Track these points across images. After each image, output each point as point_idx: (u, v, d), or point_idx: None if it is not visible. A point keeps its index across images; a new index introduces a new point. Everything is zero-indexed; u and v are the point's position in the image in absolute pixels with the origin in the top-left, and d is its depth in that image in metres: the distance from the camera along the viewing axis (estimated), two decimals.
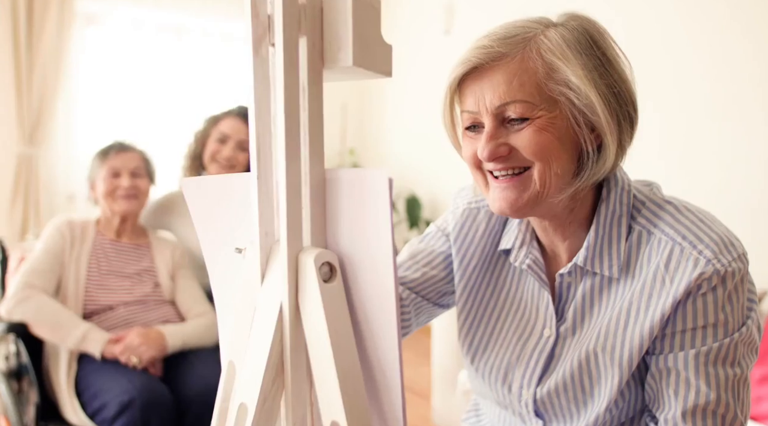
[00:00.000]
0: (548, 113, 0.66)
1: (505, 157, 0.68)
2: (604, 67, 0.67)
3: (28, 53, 3.46)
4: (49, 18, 3.47)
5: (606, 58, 0.68)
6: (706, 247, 0.67)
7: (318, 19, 0.50)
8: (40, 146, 3.54)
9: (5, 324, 1.50)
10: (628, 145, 0.71)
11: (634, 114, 0.70)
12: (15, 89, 3.48)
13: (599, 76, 0.66)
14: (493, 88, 0.67)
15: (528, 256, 0.78)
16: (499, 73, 0.66)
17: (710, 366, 0.66)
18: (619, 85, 0.68)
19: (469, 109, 0.70)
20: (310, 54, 0.50)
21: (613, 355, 0.70)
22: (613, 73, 0.68)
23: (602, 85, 0.66)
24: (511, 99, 0.66)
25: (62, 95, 3.59)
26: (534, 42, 0.67)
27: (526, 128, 0.67)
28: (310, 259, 0.50)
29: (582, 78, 0.65)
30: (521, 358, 0.78)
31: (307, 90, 0.50)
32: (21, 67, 3.46)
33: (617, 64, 0.69)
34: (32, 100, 3.49)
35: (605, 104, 0.66)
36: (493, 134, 0.68)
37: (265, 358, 0.52)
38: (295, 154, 0.50)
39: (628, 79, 0.69)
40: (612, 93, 0.67)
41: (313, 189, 0.52)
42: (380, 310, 0.49)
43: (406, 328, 0.84)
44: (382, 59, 0.51)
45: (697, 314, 0.67)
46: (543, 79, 0.66)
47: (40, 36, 3.46)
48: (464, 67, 0.68)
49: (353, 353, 0.50)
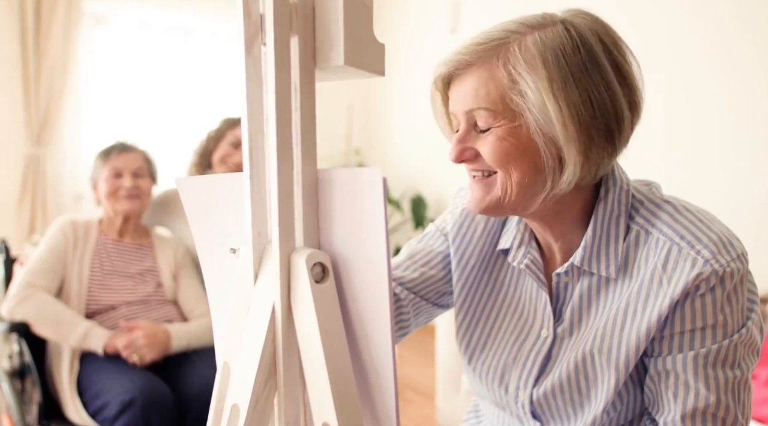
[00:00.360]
0: (510, 123, 0.67)
1: (472, 160, 0.70)
2: (587, 73, 0.65)
3: (35, 54, 3.48)
4: (56, 19, 3.49)
5: (593, 62, 0.65)
6: (704, 247, 0.66)
7: (310, 18, 0.50)
8: (47, 147, 3.57)
9: (7, 323, 1.50)
10: (607, 156, 0.68)
11: (616, 127, 0.67)
12: (23, 90, 3.51)
13: (575, 84, 0.64)
14: (464, 93, 0.69)
15: (526, 255, 0.77)
16: (471, 80, 0.68)
17: (709, 368, 0.66)
18: (600, 94, 0.65)
19: (450, 110, 0.72)
20: (301, 53, 0.50)
21: (609, 357, 0.70)
22: (596, 80, 0.65)
23: (575, 94, 0.64)
24: (476, 106, 0.67)
25: (69, 96, 3.61)
26: (504, 51, 0.66)
27: (490, 135, 0.68)
28: (302, 260, 0.49)
29: (543, 90, 0.64)
30: (518, 358, 0.77)
31: (299, 89, 0.50)
32: (29, 68, 3.48)
33: (605, 70, 0.66)
34: (40, 100, 3.51)
35: (571, 116, 0.64)
36: (461, 137, 0.70)
37: (257, 359, 0.52)
38: (287, 154, 0.50)
39: (615, 89, 0.66)
40: (587, 102, 0.65)
41: (305, 189, 0.51)
42: (374, 310, 0.49)
43: (404, 329, 0.83)
44: (375, 58, 0.51)
45: (695, 315, 0.66)
46: (506, 90, 0.66)
47: (48, 37, 3.49)
48: (441, 70, 0.70)
49: (345, 354, 0.49)
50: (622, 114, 0.67)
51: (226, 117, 1.86)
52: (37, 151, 3.55)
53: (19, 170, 3.50)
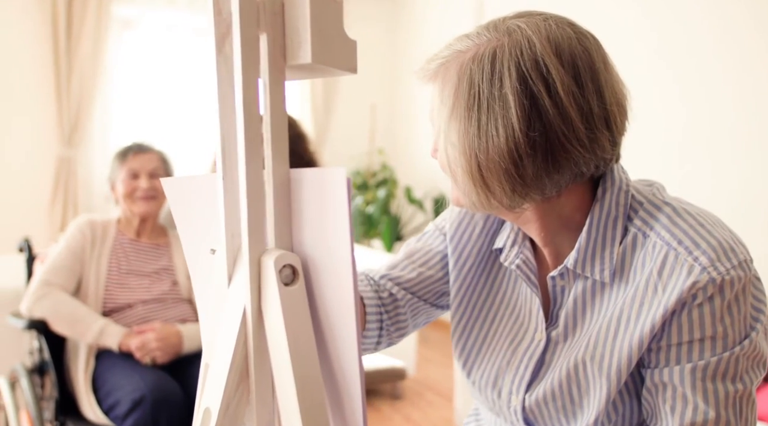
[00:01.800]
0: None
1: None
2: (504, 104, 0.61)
3: (67, 58, 3.57)
4: (87, 23, 3.58)
5: (542, 89, 0.61)
6: (703, 253, 0.62)
7: (279, 15, 0.49)
8: (78, 148, 3.66)
9: (26, 320, 1.54)
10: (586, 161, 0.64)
11: (513, 168, 0.62)
12: (55, 93, 3.60)
13: (477, 116, 0.63)
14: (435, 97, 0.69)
15: (518, 256, 0.74)
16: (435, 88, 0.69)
17: (708, 381, 0.62)
18: (490, 142, 0.62)
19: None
20: (270, 51, 0.49)
21: (601, 366, 0.67)
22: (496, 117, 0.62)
23: (472, 128, 0.63)
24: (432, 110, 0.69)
25: (99, 98, 3.70)
26: (444, 70, 0.66)
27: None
28: (271, 262, 0.48)
29: (456, 131, 0.65)
30: (511, 363, 0.75)
31: (268, 88, 0.49)
32: (60, 72, 3.58)
33: (515, 103, 0.61)
34: (71, 103, 3.61)
35: (467, 162, 0.65)
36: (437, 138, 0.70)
37: (228, 363, 0.51)
38: (255, 154, 0.49)
39: (513, 123, 0.61)
40: (484, 139, 0.62)
41: (277, 189, 0.50)
42: (340, 314, 0.48)
43: (402, 330, 0.82)
44: (346, 55, 0.49)
45: (693, 326, 0.62)
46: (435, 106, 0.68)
47: (79, 41, 3.57)
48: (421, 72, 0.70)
49: (313, 360, 0.48)
50: (558, 145, 0.62)
51: None
52: (68, 153, 3.64)
53: (51, 171, 3.60)
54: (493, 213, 0.71)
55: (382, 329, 0.79)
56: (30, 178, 3.57)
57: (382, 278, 0.81)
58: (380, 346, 0.81)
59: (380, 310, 0.79)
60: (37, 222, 3.49)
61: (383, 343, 0.80)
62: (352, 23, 4.20)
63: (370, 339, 0.78)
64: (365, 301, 0.78)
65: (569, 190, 0.68)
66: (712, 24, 2.34)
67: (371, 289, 0.80)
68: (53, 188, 3.62)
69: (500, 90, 0.61)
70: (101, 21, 3.63)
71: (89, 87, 3.64)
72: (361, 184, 3.99)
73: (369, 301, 0.78)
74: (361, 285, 0.79)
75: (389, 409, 2.67)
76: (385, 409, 2.67)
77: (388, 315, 0.79)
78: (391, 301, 0.80)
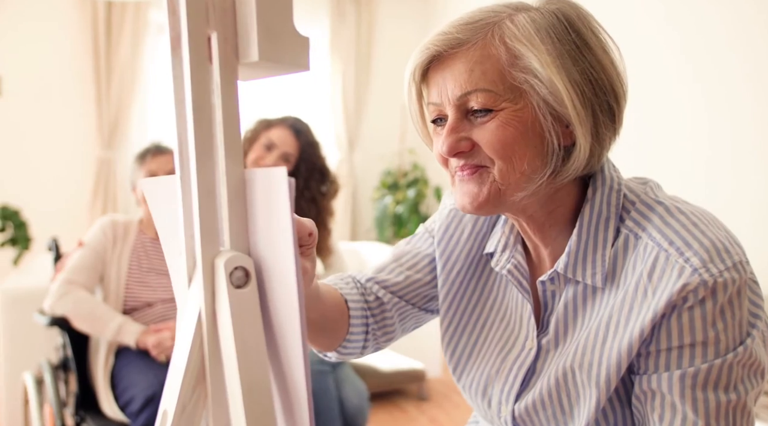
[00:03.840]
0: (513, 105, 0.61)
1: (467, 153, 0.64)
2: (580, 53, 0.61)
3: (106, 63, 3.69)
4: (125, 29, 3.69)
5: (583, 43, 0.62)
6: (695, 254, 0.58)
7: (230, 13, 0.48)
8: (117, 150, 3.78)
9: (48, 317, 1.59)
10: (610, 139, 0.64)
11: (616, 105, 0.63)
12: (95, 97, 3.73)
13: (573, 62, 0.60)
14: (455, 77, 0.62)
15: (510, 260, 0.72)
16: (461, 61, 0.62)
17: (698, 390, 0.58)
18: (597, 73, 0.61)
19: (433, 100, 0.66)
20: (221, 49, 0.48)
21: (590, 373, 0.63)
22: (590, 60, 0.61)
23: (575, 72, 0.60)
24: (473, 88, 0.61)
25: (137, 101, 3.81)
26: (498, 27, 0.62)
27: (490, 122, 0.62)
28: (222, 264, 0.48)
29: (548, 65, 0.59)
30: (501, 371, 0.72)
31: (220, 87, 0.48)
32: (100, 76, 3.70)
33: (596, 51, 0.62)
34: (110, 106, 3.72)
35: (576, 93, 0.60)
36: (454, 127, 0.63)
37: (184, 365, 0.50)
38: (207, 154, 0.48)
39: (608, 67, 0.62)
40: (587, 81, 0.61)
41: (231, 190, 0.49)
42: (288, 319, 0.47)
43: (390, 334, 0.80)
44: (296, 53, 0.48)
45: (683, 330, 0.59)
46: (506, 67, 0.61)
47: (117, 46, 3.69)
48: (423, 55, 0.64)
49: (263, 366, 0.47)
50: (618, 92, 0.62)
51: (262, 117, 1.88)
52: (107, 154, 3.76)
53: (92, 173, 3.72)
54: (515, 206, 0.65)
55: (368, 334, 0.77)
56: (71, 179, 3.70)
57: (369, 281, 0.79)
58: (366, 350, 0.79)
59: (366, 314, 0.77)
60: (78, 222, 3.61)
61: (369, 347, 0.79)
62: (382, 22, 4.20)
63: (355, 343, 0.77)
64: (350, 305, 0.76)
65: (572, 186, 0.66)
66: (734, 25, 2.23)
67: (357, 292, 0.78)
68: (93, 189, 3.74)
69: (579, 35, 0.62)
70: (139, 27, 3.74)
71: (127, 91, 3.75)
72: (392, 184, 3.98)
73: (354, 305, 0.76)
74: (347, 288, 0.78)
75: (415, 410, 2.65)
76: (410, 410, 2.65)
77: (374, 319, 0.78)
78: (377, 305, 0.78)
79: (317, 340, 0.74)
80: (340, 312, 0.75)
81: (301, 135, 1.79)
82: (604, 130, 0.62)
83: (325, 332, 0.73)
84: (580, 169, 0.63)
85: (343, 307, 0.75)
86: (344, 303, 0.76)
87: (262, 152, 1.80)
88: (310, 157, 1.76)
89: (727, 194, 2.26)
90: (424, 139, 0.72)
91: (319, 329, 0.72)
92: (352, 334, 0.76)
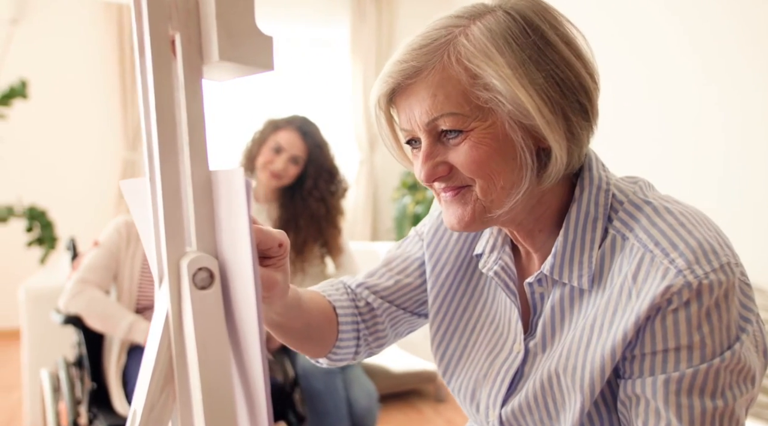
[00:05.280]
0: (482, 123, 0.60)
1: (447, 176, 0.63)
2: (542, 54, 0.59)
3: (131, 65, 3.76)
4: None
5: (545, 41, 0.59)
6: (680, 255, 0.56)
7: (194, 13, 0.48)
8: (142, 151, 3.85)
9: (63, 316, 1.63)
10: (587, 136, 0.62)
11: (587, 101, 0.61)
12: (120, 98, 3.80)
13: (536, 66, 0.58)
14: (420, 103, 0.61)
15: (497, 262, 0.70)
16: (422, 88, 0.61)
17: (683, 396, 0.56)
18: (562, 71, 0.59)
19: (404, 127, 0.65)
20: (185, 50, 0.48)
21: (574, 378, 0.61)
22: (554, 58, 0.59)
23: (539, 76, 0.58)
24: (439, 113, 0.60)
25: None
26: (453, 47, 0.60)
27: (463, 143, 0.61)
28: (185, 265, 0.48)
29: (509, 78, 0.57)
30: (489, 375, 0.71)
31: (184, 87, 0.48)
32: (125, 78, 3.77)
33: (559, 47, 0.59)
34: (135, 108, 3.79)
35: (543, 101, 0.58)
36: (429, 153, 0.63)
37: (152, 365, 0.50)
38: (171, 154, 0.48)
39: (574, 62, 0.60)
40: (554, 83, 0.58)
41: (197, 190, 0.49)
42: (247, 320, 0.46)
43: (381, 340, 0.79)
44: (259, 52, 0.48)
45: (667, 334, 0.56)
46: (468, 88, 0.59)
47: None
48: (383, 88, 0.63)
49: (224, 369, 0.47)
50: (587, 86, 0.60)
51: (270, 119, 1.89)
52: (132, 156, 3.84)
53: (117, 173, 3.80)
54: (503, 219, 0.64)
55: (359, 340, 0.77)
56: (97, 180, 3.78)
57: (359, 287, 0.79)
58: (359, 356, 0.78)
59: (356, 321, 0.76)
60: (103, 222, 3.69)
61: (362, 353, 0.78)
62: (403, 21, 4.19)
63: (346, 350, 0.76)
64: (338, 312, 0.75)
65: (557, 187, 0.65)
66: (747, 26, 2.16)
67: (347, 298, 0.78)
68: (118, 190, 3.82)
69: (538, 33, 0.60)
70: None
71: None
72: (412, 184, 3.97)
73: (343, 312, 0.76)
74: (336, 294, 0.77)
75: (431, 411, 2.64)
76: (427, 411, 2.64)
77: (366, 325, 0.77)
78: (368, 311, 0.77)
79: (304, 347, 0.73)
80: (328, 320, 0.74)
81: (309, 136, 1.80)
82: (579, 130, 0.60)
83: (312, 340, 0.73)
84: (561, 171, 0.61)
85: (331, 315, 0.75)
86: (332, 311, 0.75)
87: (270, 155, 1.82)
88: (318, 158, 1.78)
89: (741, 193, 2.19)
90: (402, 163, 0.71)
91: (304, 338, 0.71)
92: (341, 341, 0.75)
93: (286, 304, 0.63)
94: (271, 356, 1.76)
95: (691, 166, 2.41)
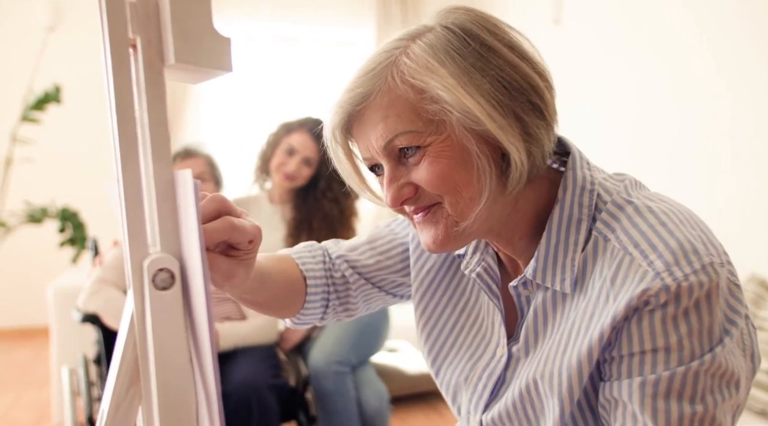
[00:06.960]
0: (438, 137, 0.59)
1: (413, 198, 0.63)
2: (486, 60, 0.58)
3: None
4: None
5: (486, 48, 0.58)
6: (659, 257, 0.54)
7: (154, 17, 0.48)
8: None
9: (82, 314, 1.67)
10: (547, 134, 0.60)
11: (540, 100, 0.59)
12: None
13: (480, 73, 0.57)
14: (374, 128, 0.61)
15: (480, 263, 0.69)
16: (373, 112, 0.61)
17: (660, 399, 0.53)
18: (508, 74, 0.58)
19: (364, 156, 0.66)
20: (146, 53, 0.48)
21: (552, 384, 0.60)
22: (498, 63, 0.58)
23: (485, 82, 0.57)
24: (393, 134, 0.60)
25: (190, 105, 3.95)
26: (395, 67, 0.60)
27: (423, 161, 0.60)
28: (146, 266, 0.48)
29: (454, 87, 0.56)
30: (470, 378, 0.69)
31: (144, 89, 0.48)
32: None
33: (502, 51, 0.59)
34: None
35: (492, 106, 0.57)
36: (392, 176, 0.62)
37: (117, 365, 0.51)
38: (131, 156, 0.49)
39: (518, 64, 0.59)
40: (501, 87, 0.57)
41: (159, 191, 0.50)
42: (198, 320, 0.46)
43: (351, 311, 0.80)
44: (217, 54, 0.48)
45: (643, 335, 0.54)
46: (417, 103, 0.59)
47: None
48: (335, 118, 0.64)
49: (182, 370, 0.47)
50: (536, 85, 0.59)
51: (283, 122, 1.90)
52: None
53: None
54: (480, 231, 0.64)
55: (327, 308, 0.78)
56: None
57: (339, 258, 0.79)
58: (325, 320, 0.80)
59: (327, 290, 0.77)
60: None
61: (328, 318, 0.80)
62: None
63: (312, 316, 0.78)
64: (308, 282, 0.76)
65: (533, 189, 0.63)
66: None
67: (323, 267, 0.78)
68: None
69: (478, 41, 0.59)
70: None
71: (180, 96, 3.89)
72: None
73: (314, 281, 0.77)
74: (312, 262, 0.78)
75: (449, 412, 2.62)
76: (447, 412, 2.62)
77: (337, 295, 0.78)
78: (342, 283, 0.78)
79: (269, 313, 0.76)
80: (294, 290, 0.76)
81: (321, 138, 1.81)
82: (536, 130, 0.59)
83: (278, 308, 0.75)
84: (525, 174, 0.60)
85: (299, 285, 0.76)
86: (302, 280, 0.77)
87: (284, 157, 1.83)
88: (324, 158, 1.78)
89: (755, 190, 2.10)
90: (365, 195, 0.71)
91: (269, 307, 0.74)
92: (307, 309, 0.77)
93: (247, 287, 0.64)
94: (284, 356, 1.77)
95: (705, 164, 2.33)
